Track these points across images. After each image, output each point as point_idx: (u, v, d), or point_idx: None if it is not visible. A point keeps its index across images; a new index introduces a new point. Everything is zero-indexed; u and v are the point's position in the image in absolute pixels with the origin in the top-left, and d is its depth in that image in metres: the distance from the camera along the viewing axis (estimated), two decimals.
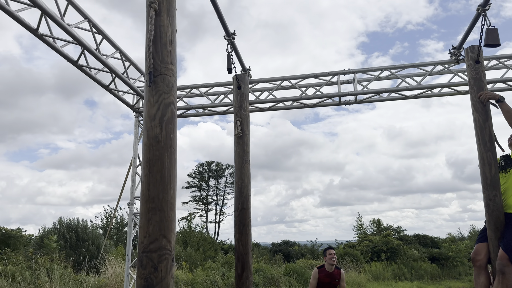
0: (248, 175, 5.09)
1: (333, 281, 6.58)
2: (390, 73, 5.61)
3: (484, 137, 4.01)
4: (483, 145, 4.01)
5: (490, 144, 3.98)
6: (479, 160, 4.03)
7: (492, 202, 3.77)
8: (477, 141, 4.07)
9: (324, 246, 49.00)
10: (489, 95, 3.91)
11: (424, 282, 27.39)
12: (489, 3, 4.43)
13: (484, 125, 4.03)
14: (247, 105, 5.25)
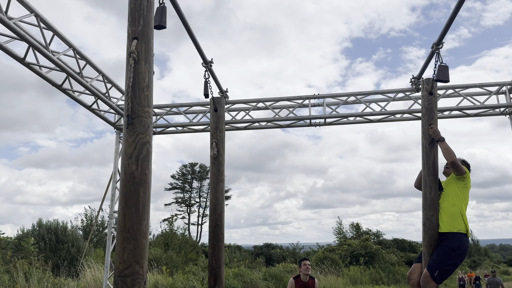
0: (222, 194, 5.45)
1: None
2: (356, 98, 6.05)
3: (428, 162, 4.41)
4: (427, 169, 4.40)
5: (433, 168, 4.38)
6: (422, 182, 4.43)
7: (429, 221, 4.14)
8: (422, 165, 4.47)
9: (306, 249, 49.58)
10: (434, 133, 4.32)
11: (401, 286, 28.11)
12: (442, 42, 4.90)
13: (430, 151, 4.43)
14: (223, 126, 5.61)
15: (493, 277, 15.33)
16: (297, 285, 6.88)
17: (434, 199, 4.25)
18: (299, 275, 7.03)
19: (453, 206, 3.95)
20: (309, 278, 6.98)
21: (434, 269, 3.75)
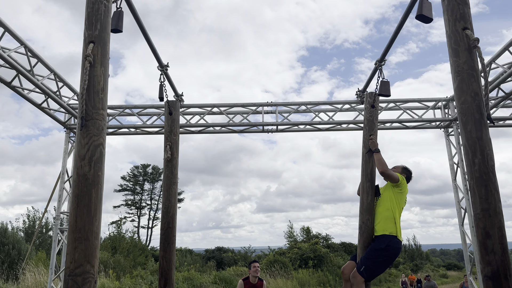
0: (175, 196, 5.53)
1: None
2: (306, 107, 6.36)
3: (367, 170, 4.74)
4: (365, 176, 4.74)
5: (371, 176, 4.72)
6: (360, 188, 4.76)
7: (365, 225, 4.47)
8: (361, 172, 4.80)
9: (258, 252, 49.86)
10: (372, 144, 4.67)
11: None
12: (384, 59, 5.29)
13: (368, 160, 4.77)
14: (177, 130, 5.69)
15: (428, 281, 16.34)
16: (246, 286, 7.08)
17: (370, 204, 4.58)
18: (248, 277, 7.24)
19: (387, 211, 4.30)
20: (257, 280, 7.21)
21: (361, 265, 4.11)
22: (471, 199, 2.90)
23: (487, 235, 2.75)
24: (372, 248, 4.19)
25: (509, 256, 2.73)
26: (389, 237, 4.16)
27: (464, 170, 5.97)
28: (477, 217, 2.83)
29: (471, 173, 2.88)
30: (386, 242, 4.13)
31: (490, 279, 2.71)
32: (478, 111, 2.96)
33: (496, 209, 2.78)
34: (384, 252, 4.11)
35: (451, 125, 6.21)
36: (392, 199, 4.35)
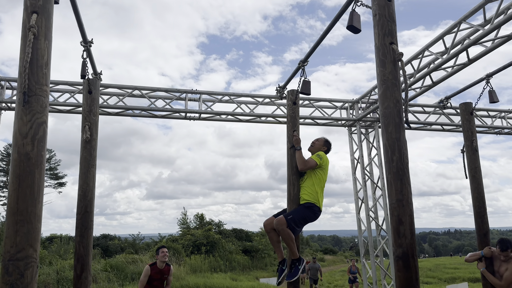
0: (93, 179, 5.33)
1: (163, 277, 7.25)
2: (229, 98, 6.59)
3: (292, 163, 5.13)
4: (291, 169, 5.13)
5: (296, 169, 5.12)
6: (287, 181, 5.15)
7: None
8: (287, 165, 5.19)
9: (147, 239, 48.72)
10: (295, 141, 5.09)
11: (236, 273, 30.18)
12: (307, 60, 5.75)
13: (293, 154, 5.17)
14: (97, 110, 5.48)
15: (314, 263, 17.88)
16: (153, 272, 7.11)
17: (296, 196, 4.99)
18: (155, 263, 7.26)
19: (312, 186, 4.80)
20: (165, 265, 7.28)
21: (288, 214, 4.59)
22: (388, 191, 3.44)
23: (400, 221, 3.31)
24: (299, 207, 4.72)
25: (415, 239, 3.33)
26: (313, 203, 4.70)
27: (363, 165, 6.80)
28: (392, 207, 3.37)
29: (389, 169, 3.42)
30: (311, 205, 4.68)
31: (400, 259, 3.27)
32: (398, 116, 3.50)
33: (408, 200, 3.35)
34: (308, 210, 4.68)
35: (355, 124, 6.99)
36: (315, 176, 4.87)
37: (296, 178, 5.08)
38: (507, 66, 5.93)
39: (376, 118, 6.90)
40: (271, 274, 32.08)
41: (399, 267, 3.26)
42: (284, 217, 4.56)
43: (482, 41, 4.80)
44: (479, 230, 5.70)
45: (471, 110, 6.45)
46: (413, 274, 3.21)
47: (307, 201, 4.77)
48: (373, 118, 6.89)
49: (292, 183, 5.05)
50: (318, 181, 4.92)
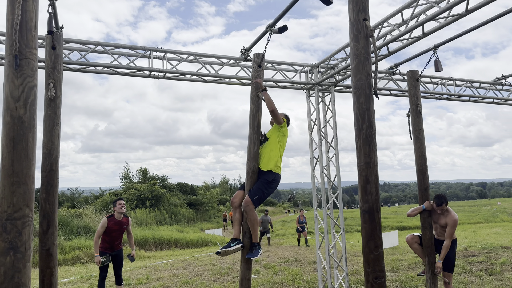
0: (58, 138, 5.27)
1: (122, 228, 7.47)
2: (195, 58, 6.62)
3: (254, 123, 5.38)
4: (252, 128, 5.40)
5: (257, 128, 5.39)
6: (248, 139, 5.41)
7: (252, 171, 5.19)
8: (249, 125, 5.42)
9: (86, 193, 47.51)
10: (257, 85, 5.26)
11: (182, 225, 30.78)
12: (275, 25, 5.91)
13: (256, 115, 5.43)
14: (61, 67, 5.34)
15: (265, 215, 18.83)
16: (110, 223, 7.32)
17: (256, 153, 5.31)
18: (113, 215, 7.46)
19: (271, 151, 5.13)
20: (123, 216, 7.50)
21: (254, 195, 4.88)
22: (358, 155, 3.86)
23: (367, 181, 3.77)
24: (262, 180, 4.98)
25: (379, 196, 3.82)
26: (274, 173, 5.03)
27: (320, 126, 7.25)
28: (361, 168, 3.81)
29: (359, 135, 3.82)
30: (272, 177, 4.99)
31: (367, 212, 3.75)
32: (369, 87, 3.87)
33: (375, 162, 3.80)
34: (271, 184, 4.99)
35: (313, 88, 7.36)
36: (276, 142, 5.18)
37: (257, 137, 5.36)
38: (452, 39, 6.52)
39: (333, 82, 7.31)
40: (215, 225, 33.16)
41: (365, 219, 3.75)
42: (250, 198, 4.80)
43: (437, 18, 5.25)
44: (421, 185, 6.45)
45: (417, 77, 7.06)
46: (377, 225, 3.72)
47: (269, 170, 5.05)
48: (330, 83, 7.29)
49: (253, 142, 5.34)
50: (279, 146, 5.25)
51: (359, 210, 3.94)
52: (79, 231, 18.84)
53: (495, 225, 26.62)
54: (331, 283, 6.42)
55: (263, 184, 4.98)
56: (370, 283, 3.75)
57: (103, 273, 7.36)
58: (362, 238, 3.88)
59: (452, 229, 5.96)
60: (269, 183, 5.00)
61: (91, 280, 10.94)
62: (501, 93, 8.96)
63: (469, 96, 8.60)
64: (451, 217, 6.02)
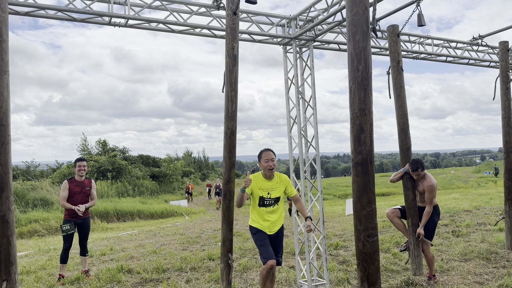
0: (7, 88, 4.52)
1: (84, 189, 6.95)
2: (161, 4, 5.93)
3: (231, 79, 4.91)
4: (229, 85, 4.92)
5: (235, 85, 4.94)
6: (225, 97, 4.93)
7: (230, 131, 4.83)
8: (226, 81, 4.93)
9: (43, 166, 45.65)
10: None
11: (145, 197, 30.03)
12: None
13: (232, 70, 4.94)
14: (6, 6, 4.54)
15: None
16: (72, 185, 6.88)
17: (234, 112, 4.87)
18: (74, 177, 7.03)
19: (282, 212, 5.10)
20: (85, 178, 7.07)
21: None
22: (351, 101, 3.46)
23: (361, 130, 3.39)
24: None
25: (373, 147, 3.46)
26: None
27: (298, 84, 6.82)
28: (354, 116, 3.42)
29: (354, 78, 3.41)
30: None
31: (359, 165, 3.38)
32: (366, 24, 3.43)
33: (370, 109, 3.41)
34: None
35: (291, 42, 6.87)
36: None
37: (235, 95, 4.90)
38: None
39: (312, 37, 6.85)
40: (180, 197, 32.61)
41: (358, 172, 3.39)
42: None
43: None
44: (402, 145, 6.22)
45: (398, 32, 6.73)
46: (370, 179, 3.37)
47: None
48: (309, 37, 6.83)
49: (231, 99, 4.88)
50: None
51: (351, 163, 3.59)
52: (36, 204, 17.82)
53: (452, 192, 27.71)
54: (308, 246, 6.14)
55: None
56: (361, 241, 3.44)
57: (67, 243, 6.81)
58: (354, 193, 3.54)
59: (430, 194, 5.76)
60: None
61: (50, 253, 10.26)
62: (477, 54, 8.83)
63: (445, 55, 8.41)
64: (427, 182, 5.82)
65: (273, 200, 4.83)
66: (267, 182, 4.83)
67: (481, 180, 42.76)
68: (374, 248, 3.37)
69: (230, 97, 4.93)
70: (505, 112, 7.82)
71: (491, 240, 8.92)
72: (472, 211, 14.29)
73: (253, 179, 4.76)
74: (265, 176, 4.84)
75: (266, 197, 4.80)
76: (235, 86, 4.97)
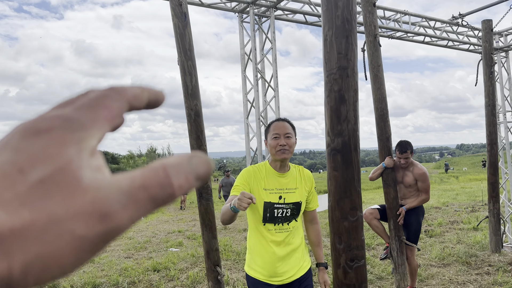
0: None
1: None
2: None
3: (184, 45, 3.80)
4: (184, 53, 3.81)
5: (190, 52, 3.82)
6: (180, 70, 3.85)
7: (194, 112, 3.86)
8: (177, 49, 3.84)
9: None
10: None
11: None
12: None
13: (184, 33, 3.80)
14: None
15: (227, 177, 15.98)
16: None
17: (195, 88, 3.82)
18: None
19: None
20: None
21: None
22: (326, 56, 2.29)
23: (342, 99, 2.23)
24: None
25: (358, 126, 2.32)
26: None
27: (256, 60, 5.65)
28: (331, 78, 2.26)
29: (331, 21, 2.24)
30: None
31: (339, 152, 2.23)
32: None
33: (355, 69, 2.27)
34: None
35: (247, 10, 5.69)
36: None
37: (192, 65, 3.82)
38: None
39: (273, 2, 5.68)
40: None
41: (336, 164, 2.22)
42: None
43: None
44: (381, 135, 5.14)
45: (374, 1, 5.69)
46: (355, 173, 2.23)
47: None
48: (270, 3, 5.65)
49: (189, 72, 3.79)
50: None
51: (326, 150, 2.46)
52: None
53: None
54: None
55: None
56: (342, 267, 2.30)
57: None
58: (330, 195, 2.41)
59: (425, 183, 4.79)
60: None
61: None
62: (457, 36, 7.95)
63: (423, 35, 7.46)
64: (418, 170, 4.84)
65: (290, 209, 2.44)
66: (277, 177, 2.49)
67: (443, 176, 43.43)
68: (361, 278, 2.23)
69: (187, 69, 3.79)
70: (489, 99, 6.97)
71: (467, 241, 8.27)
72: (442, 208, 13.75)
73: (252, 173, 2.47)
74: (275, 167, 2.50)
75: (277, 203, 2.44)
76: (191, 54, 3.82)
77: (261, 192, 2.42)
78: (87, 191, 0.20)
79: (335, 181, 2.24)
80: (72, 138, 0.21)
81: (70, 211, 0.19)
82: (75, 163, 0.20)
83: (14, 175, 0.19)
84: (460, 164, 67.75)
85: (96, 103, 0.23)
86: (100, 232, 0.20)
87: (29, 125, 0.21)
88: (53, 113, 0.22)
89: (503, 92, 8.49)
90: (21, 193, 0.19)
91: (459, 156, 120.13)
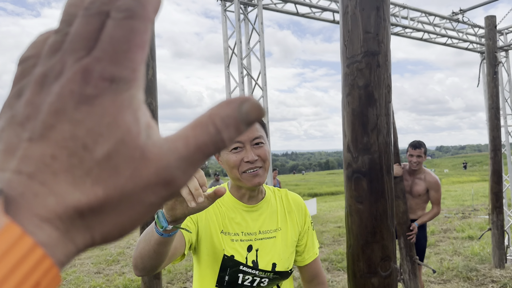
0: None
1: None
2: None
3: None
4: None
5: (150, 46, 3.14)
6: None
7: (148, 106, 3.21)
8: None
9: None
10: None
11: None
12: None
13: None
14: None
15: (216, 181, 15.24)
16: None
17: (152, 82, 3.17)
18: None
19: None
20: None
21: None
22: (347, 36, 1.59)
23: (370, 99, 1.53)
24: None
25: (393, 138, 1.64)
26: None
27: (241, 55, 4.94)
28: (354, 68, 1.56)
29: None
30: None
31: (364, 176, 1.53)
32: None
33: (388, 56, 1.58)
34: None
35: None
36: None
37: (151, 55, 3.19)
38: None
39: None
40: None
41: (361, 192, 1.54)
42: None
43: None
44: None
45: None
46: (388, 207, 1.54)
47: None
48: None
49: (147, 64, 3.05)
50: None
51: (344, 172, 1.75)
52: None
53: None
54: None
55: None
56: None
57: None
58: (351, 238, 1.69)
59: (437, 193, 4.22)
60: None
61: None
62: (458, 33, 7.40)
63: (422, 31, 6.88)
64: (431, 178, 4.27)
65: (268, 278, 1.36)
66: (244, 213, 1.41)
67: None
68: None
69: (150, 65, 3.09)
70: (492, 102, 6.43)
71: (464, 253, 7.81)
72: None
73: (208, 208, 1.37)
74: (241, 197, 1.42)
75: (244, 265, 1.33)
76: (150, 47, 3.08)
77: (215, 239, 1.32)
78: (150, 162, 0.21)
79: (359, 218, 1.54)
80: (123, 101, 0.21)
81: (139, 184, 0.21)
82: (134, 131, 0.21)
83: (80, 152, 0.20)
84: (441, 166, 68.41)
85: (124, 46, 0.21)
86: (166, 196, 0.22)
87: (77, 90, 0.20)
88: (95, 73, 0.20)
89: (503, 94, 8.00)
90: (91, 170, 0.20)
91: (438, 158, 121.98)
